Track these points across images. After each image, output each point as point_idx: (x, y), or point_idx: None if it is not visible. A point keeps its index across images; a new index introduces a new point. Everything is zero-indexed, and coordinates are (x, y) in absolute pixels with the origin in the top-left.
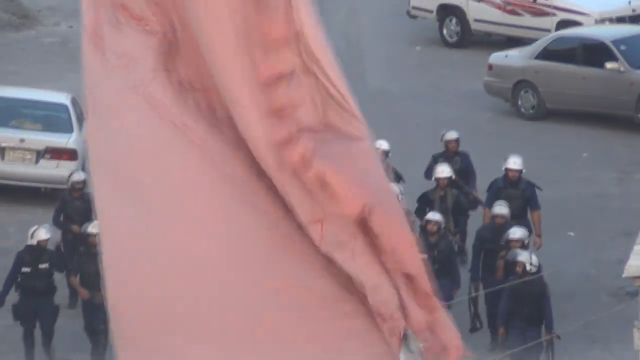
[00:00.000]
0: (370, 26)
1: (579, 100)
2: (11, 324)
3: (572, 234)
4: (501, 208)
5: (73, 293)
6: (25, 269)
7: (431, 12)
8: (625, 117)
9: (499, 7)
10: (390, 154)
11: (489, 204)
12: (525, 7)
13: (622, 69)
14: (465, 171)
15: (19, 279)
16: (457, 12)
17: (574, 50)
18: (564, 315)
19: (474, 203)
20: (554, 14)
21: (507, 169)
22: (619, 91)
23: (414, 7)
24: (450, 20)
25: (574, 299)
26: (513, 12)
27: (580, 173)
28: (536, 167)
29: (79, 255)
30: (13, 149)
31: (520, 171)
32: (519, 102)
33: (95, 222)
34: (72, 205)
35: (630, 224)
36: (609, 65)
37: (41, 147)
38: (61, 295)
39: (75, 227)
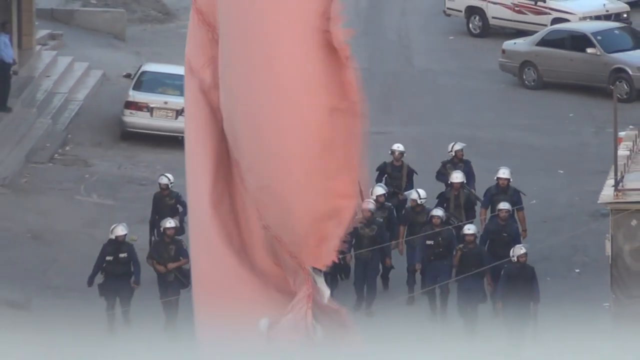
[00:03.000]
0: (416, 22)
1: (568, 75)
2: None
3: (561, 171)
4: (505, 204)
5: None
6: (108, 258)
7: (460, 11)
8: (600, 88)
9: (509, 8)
10: (405, 154)
11: (485, 205)
12: (528, 7)
13: (598, 53)
14: (467, 175)
15: (104, 265)
16: (479, 12)
17: (563, 40)
18: (555, 231)
19: (474, 200)
20: (549, 13)
21: (498, 178)
22: (596, 69)
23: (448, 8)
24: (475, 18)
25: (563, 220)
26: (520, 12)
27: (567, 128)
28: (537, 123)
29: (155, 243)
30: (159, 108)
31: (508, 180)
32: (524, 77)
33: (169, 219)
34: (162, 202)
35: (604, 165)
36: (589, 50)
37: (179, 107)
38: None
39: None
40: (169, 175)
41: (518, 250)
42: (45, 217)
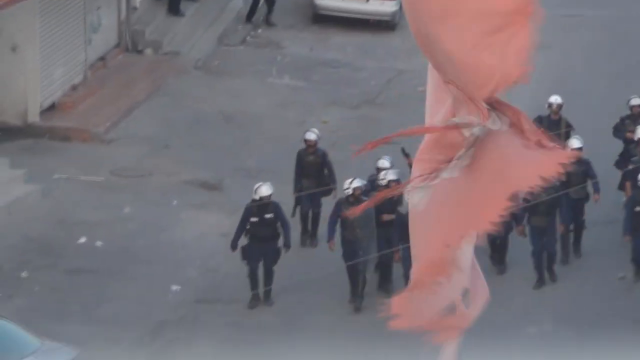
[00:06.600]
0: None
1: None
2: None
3: None
4: None
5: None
6: (253, 219)
7: None
8: None
9: None
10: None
11: None
12: None
13: None
14: None
15: (248, 227)
16: None
17: None
18: None
19: None
20: None
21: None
22: None
23: None
24: None
25: None
26: None
27: None
28: None
29: (339, 203)
30: None
31: None
32: None
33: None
34: (306, 160)
35: None
36: None
37: None
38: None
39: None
40: (316, 131)
41: None
42: (238, 99)
